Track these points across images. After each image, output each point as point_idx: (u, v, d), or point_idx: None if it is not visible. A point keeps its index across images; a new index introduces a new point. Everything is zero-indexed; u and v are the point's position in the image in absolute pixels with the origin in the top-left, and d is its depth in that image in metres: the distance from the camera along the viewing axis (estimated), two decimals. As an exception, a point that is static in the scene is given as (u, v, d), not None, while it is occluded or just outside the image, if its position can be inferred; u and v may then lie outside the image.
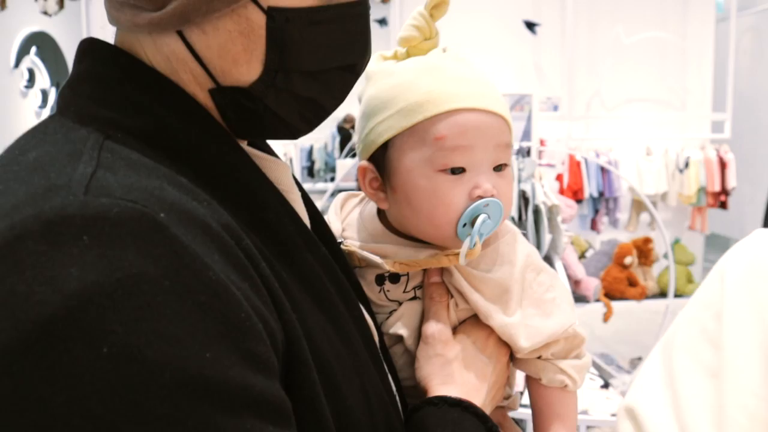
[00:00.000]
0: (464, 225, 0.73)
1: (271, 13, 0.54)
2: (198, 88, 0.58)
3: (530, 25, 5.91)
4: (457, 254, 0.73)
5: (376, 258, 0.75)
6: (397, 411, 0.68)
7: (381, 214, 0.82)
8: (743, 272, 0.68)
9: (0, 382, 0.37)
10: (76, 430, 0.37)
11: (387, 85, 0.74)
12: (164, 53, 0.57)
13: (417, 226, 0.76)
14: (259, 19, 0.54)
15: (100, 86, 0.56)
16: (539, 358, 0.80)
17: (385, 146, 0.75)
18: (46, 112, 6.27)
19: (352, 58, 0.62)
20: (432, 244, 0.78)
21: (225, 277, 0.44)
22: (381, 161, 0.77)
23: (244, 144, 0.63)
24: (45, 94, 6.37)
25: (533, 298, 0.78)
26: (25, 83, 6.41)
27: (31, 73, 6.42)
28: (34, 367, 0.37)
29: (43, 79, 6.42)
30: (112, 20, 0.59)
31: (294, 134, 0.63)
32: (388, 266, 0.75)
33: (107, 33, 0.62)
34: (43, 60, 6.39)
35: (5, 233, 0.40)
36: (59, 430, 0.37)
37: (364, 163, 0.78)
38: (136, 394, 0.38)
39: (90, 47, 0.59)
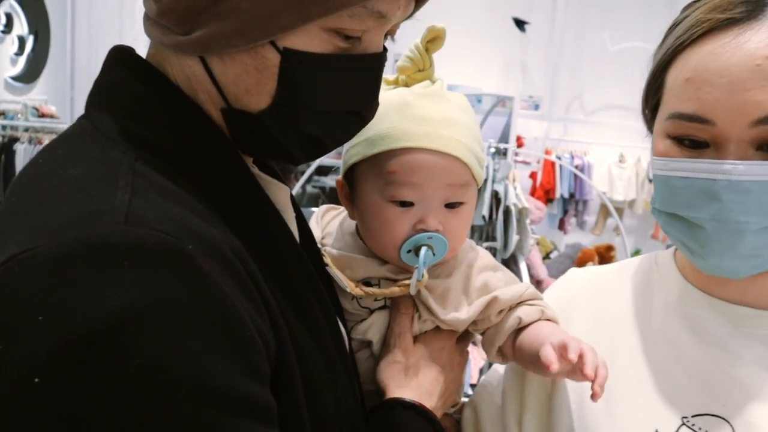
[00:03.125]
0: (408, 251, 0.79)
1: (286, 53, 0.58)
2: (213, 107, 0.62)
3: (520, 23, 5.94)
4: (408, 285, 0.80)
5: (342, 282, 0.81)
6: (361, 413, 0.73)
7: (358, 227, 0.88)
8: (554, 297, 0.91)
9: (48, 379, 0.43)
10: (114, 424, 0.44)
11: None
12: (186, 73, 0.62)
13: (369, 242, 0.84)
14: (274, 58, 0.58)
15: (133, 101, 0.61)
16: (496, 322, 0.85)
17: (354, 167, 0.82)
18: (22, 61, 6.10)
19: (359, 105, 0.65)
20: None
21: (236, 300, 0.51)
22: (351, 180, 0.84)
23: (250, 163, 0.68)
24: (22, 41, 6.19)
25: (490, 291, 0.84)
26: (1, 28, 6.22)
27: (9, 17, 6.23)
28: (78, 369, 0.44)
29: (21, 25, 6.24)
30: (146, 32, 0.64)
31: (293, 161, 0.67)
32: (349, 290, 0.81)
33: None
34: (22, 5, 6.20)
35: (54, 250, 0.46)
36: (95, 424, 0.44)
37: (340, 178, 0.86)
38: (161, 397, 0.45)
39: (124, 58, 0.63)
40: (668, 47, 0.71)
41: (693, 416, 0.70)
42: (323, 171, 5.29)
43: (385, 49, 0.66)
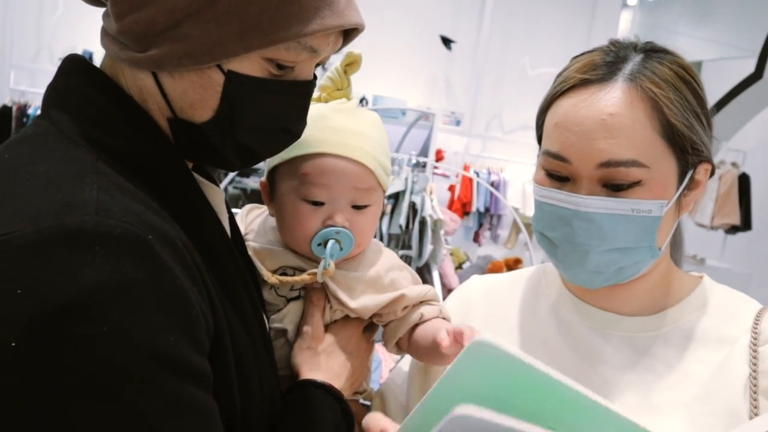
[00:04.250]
0: (319, 244, 0.88)
1: (230, 75, 0.67)
2: (161, 116, 0.70)
3: (446, 41, 6.14)
4: (316, 273, 0.89)
5: (261, 269, 0.91)
6: (278, 390, 0.82)
7: None
8: (456, 301, 1.05)
9: (24, 343, 0.50)
10: (81, 381, 0.51)
11: None
12: (138, 84, 0.69)
13: (284, 235, 0.93)
14: (219, 78, 0.67)
15: (90, 107, 0.68)
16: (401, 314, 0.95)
17: (274, 169, 0.92)
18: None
19: (289, 123, 0.75)
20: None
21: (185, 284, 0.60)
22: (272, 180, 0.93)
23: (190, 167, 0.75)
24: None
25: (397, 288, 0.94)
26: None
27: None
28: (52, 334, 0.51)
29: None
30: (103, 45, 0.71)
31: (229, 168, 0.76)
32: (266, 278, 0.90)
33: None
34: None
35: (32, 235, 0.53)
36: (69, 380, 0.51)
37: (263, 179, 0.96)
38: (123, 359, 0.53)
39: (80, 66, 0.70)
40: (549, 94, 0.84)
41: None
42: (245, 172, 5.29)
43: (314, 77, 0.75)
